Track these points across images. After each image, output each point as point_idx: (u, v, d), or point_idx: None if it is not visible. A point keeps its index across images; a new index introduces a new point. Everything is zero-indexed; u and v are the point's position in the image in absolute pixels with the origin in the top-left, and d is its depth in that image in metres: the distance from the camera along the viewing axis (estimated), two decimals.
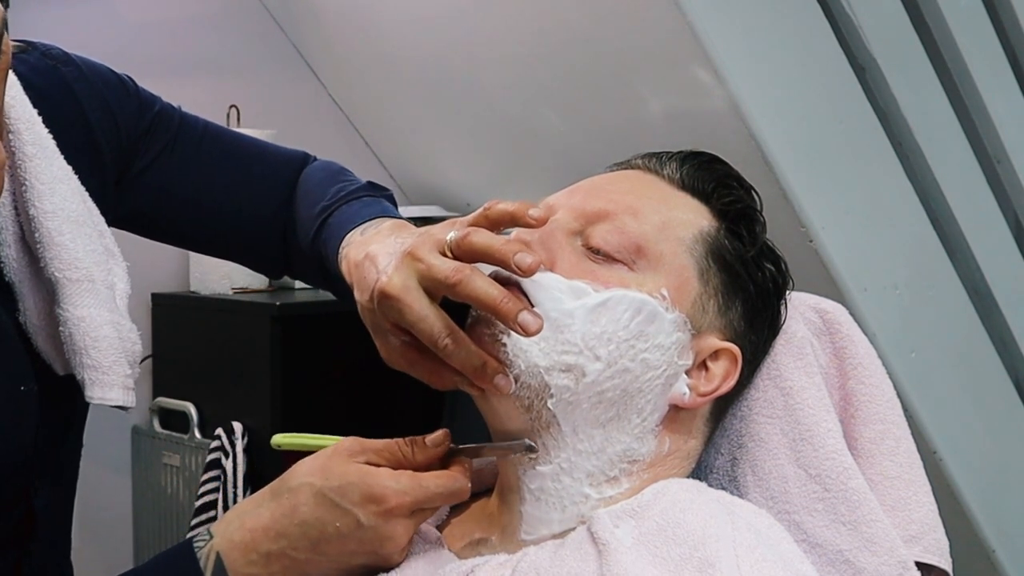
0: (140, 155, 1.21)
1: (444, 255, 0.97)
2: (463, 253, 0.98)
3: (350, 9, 2.33)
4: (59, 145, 1.11)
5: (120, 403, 1.11)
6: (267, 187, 1.27)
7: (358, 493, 0.94)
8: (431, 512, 1.00)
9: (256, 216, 1.26)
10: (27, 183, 1.07)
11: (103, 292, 1.09)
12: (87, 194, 1.13)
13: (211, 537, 0.96)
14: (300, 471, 0.97)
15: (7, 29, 0.94)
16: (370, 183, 1.26)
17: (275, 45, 2.50)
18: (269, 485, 0.99)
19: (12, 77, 1.08)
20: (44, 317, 1.08)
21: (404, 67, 2.33)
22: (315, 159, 1.34)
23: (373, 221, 1.15)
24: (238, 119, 2.34)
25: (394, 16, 2.25)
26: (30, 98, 1.11)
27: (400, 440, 0.98)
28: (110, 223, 1.18)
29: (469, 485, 0.99)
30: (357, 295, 1.07)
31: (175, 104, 1.28)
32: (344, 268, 1.11)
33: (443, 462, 1.00)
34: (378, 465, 0.96)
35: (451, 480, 0.98)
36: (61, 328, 1.07)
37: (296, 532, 0.94)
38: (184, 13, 2.41)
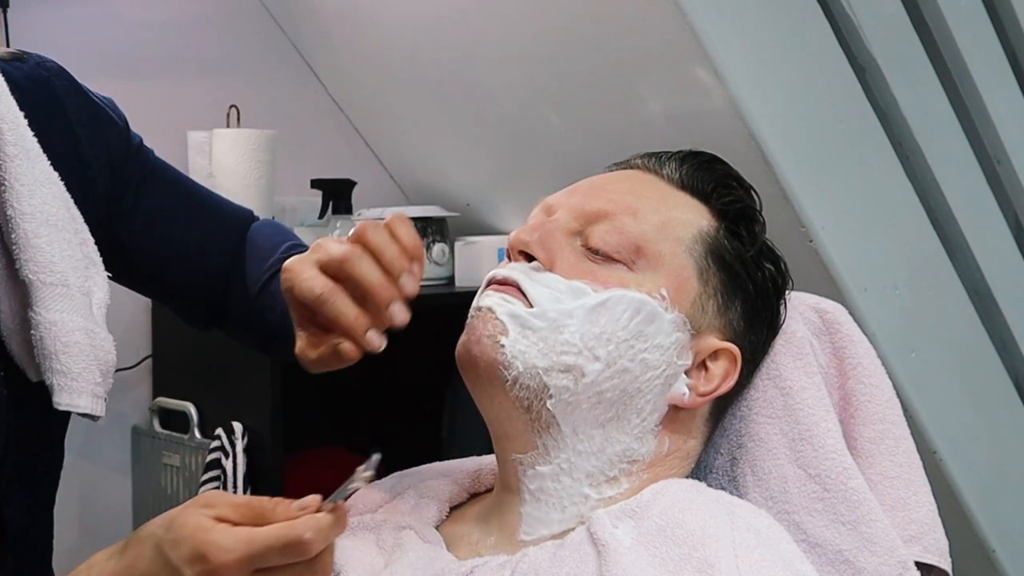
0: (126, 183, 1.20)
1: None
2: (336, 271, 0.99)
3: (350, 9, 2.33)
4: (45, 151, 1.10)
5: (88, 411, 1.09)
6: (220, 240, 1.26)
7: (188, 549, 0.86)
8: (292, 570, 0.87)
9: (206, 268, 1.25)
10: (6, 183, 1.06)
11: (78, 298, 1.08)
12: (71, 201, 1.11)
13: None
14: (155, 520, 0.91)
15: None
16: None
17: (275, 45, 2.50)
18: (133, 532, 0.94)
19: None
20: (18, 320, 1.07)
21: (404, 67, 2.32)
22: (258, 217, 1.33)
23: None
24: (238, 119, 2.34)
25: (394, 16, 2.25)
26: (17, 100, 1.09)
27: (265, 498, 0.89)
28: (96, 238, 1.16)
29: (313, 536, 0.86)
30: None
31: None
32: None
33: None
34: (227, 520, 0.87)
35: (285, 530, 0.86)
36: (32, 332, 1.06)
37: None
38: (184, 13, 2.41)
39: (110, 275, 1.16)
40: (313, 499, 0.89)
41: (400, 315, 0.99)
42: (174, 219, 1.24)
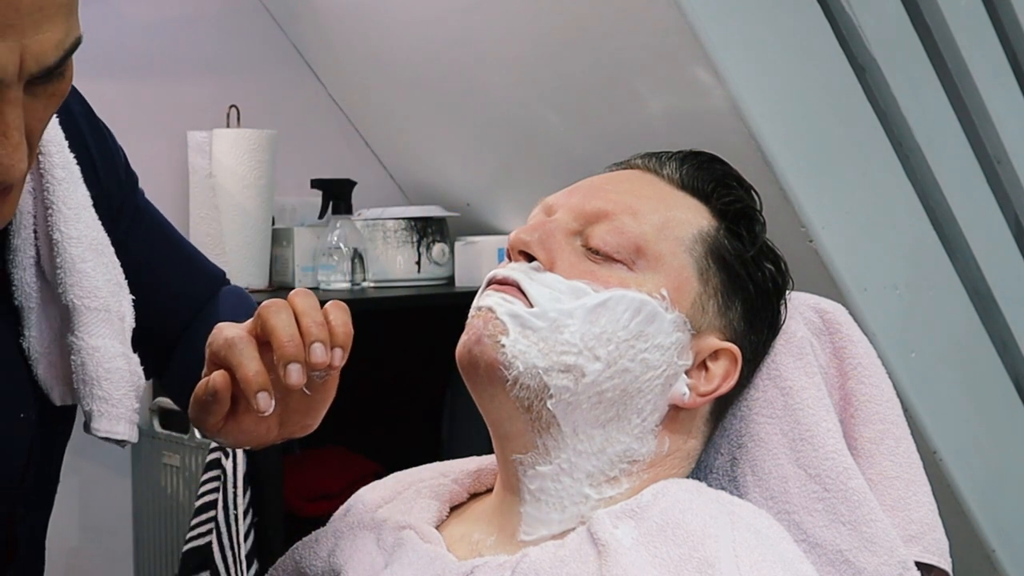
0: (122, 213, 1.18)
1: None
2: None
3: (350, 9, 2.33)
4: None
5: (125, 437, 1.07)
6: (191, 294, 1.22)
7: None
8: None
9: (170, 318, 1.21)
10: (54, 206, 1.04)
11: (116, 323, 1.07)
12: (100, 222, 1.10)
13: None
14: None
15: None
16: None
17: (275, 45, 2.50)
18: None
19: None
20: (49, 344, 1.05)
21: (404, 67, 2.32)
22: (228, 281, 1.30)
23: None
24: (238, 119, 2.34)
25: (394, 16, 2.25)
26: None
27: None
28: None
29: None
30: None
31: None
32: None
33: None
34: None
35: None
36: (73, 357, 1.04)
37: None
38: (184, 13, 2.41)
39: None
40: None
41: (294, 376, 0.91)
42: (155, 262, 1.21)
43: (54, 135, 1.06)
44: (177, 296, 1.21)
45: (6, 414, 1.03)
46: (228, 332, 0.95)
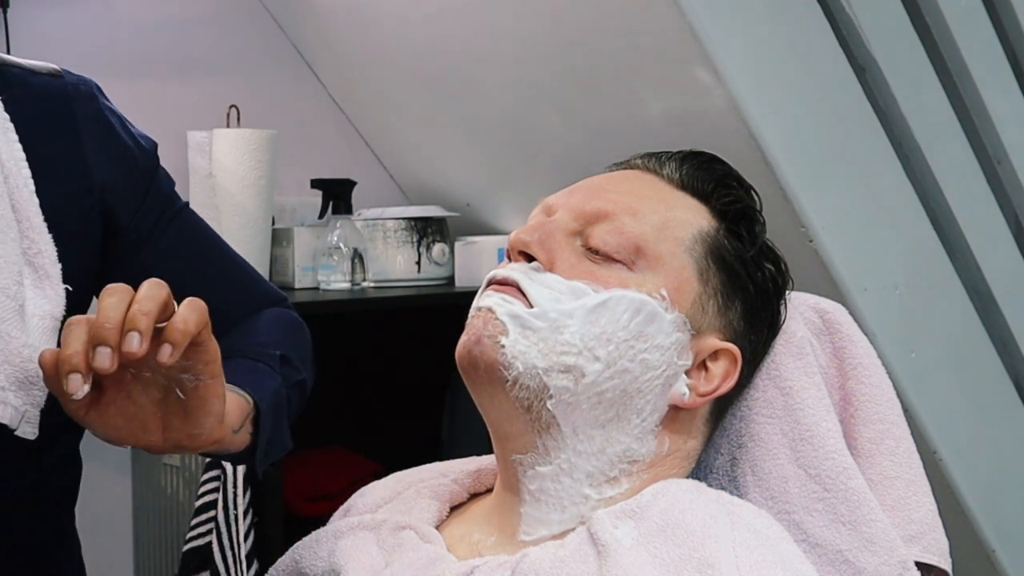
0: (145, 218, 1.17)
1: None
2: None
3: (350, 9, 2.33)
4: (31, 157, 1.07)
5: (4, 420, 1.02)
6: (221, 310, 1.09)
7: None
8: None
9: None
10: None
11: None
12: (27, 204, 1.07)
13: None
14: None
15: None
16: (298, 383, 1.19)
17: (275, 45, 2.50)
18: None
19: None
20: None
21: (404, 67, 2.32)
22: (291, 306, 1.28)
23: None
24: (238, 119, 2.34)
25: (394, 16, 2.25)
26: (18, 107, 1.08)
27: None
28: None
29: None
30: None
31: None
32: None
33: None
34: None
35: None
36: None
37: None
38: (184, 13, 2.41)
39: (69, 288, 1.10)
40: None
41: (100, 359, 0.86)
42: (185, 270, 1.18)
43: None
44: (223, 305, 1.12)
45: None
46: (77, 316, 0.91)
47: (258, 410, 1.06)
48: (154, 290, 0.90)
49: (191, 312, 0.90)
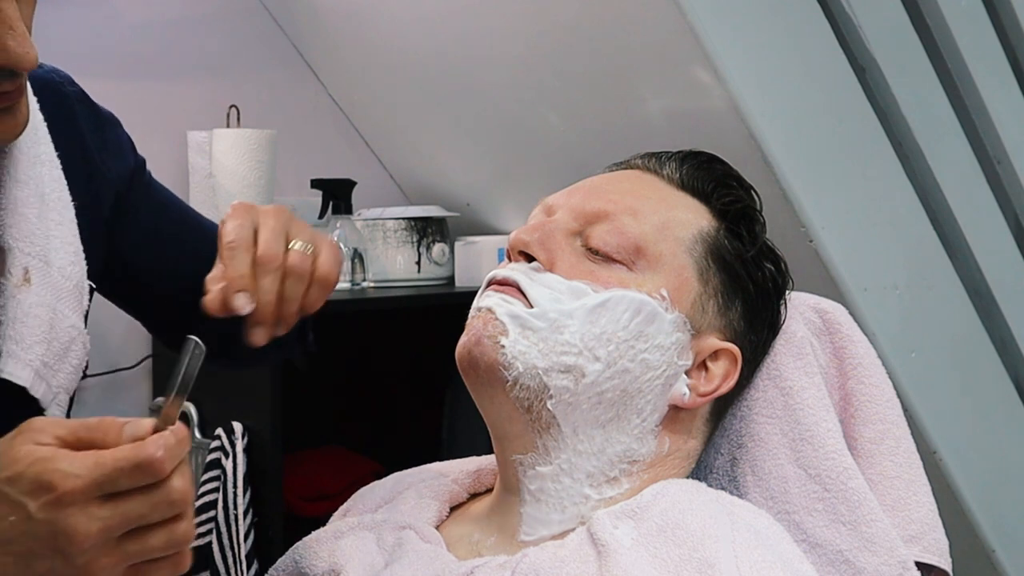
0: (128, 197, 1.19)
1: None
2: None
3: (350, 9, 2.33)
4: (57, 147, 1.09)
5: (26, 384, 1.02)
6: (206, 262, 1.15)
7: (29, 480, 0.78)
8: (140, 498, 0.80)
9: (194, 287, 1.15)
10: (9, 152, 1.03)
11: (56, 279, 1.05)
12: (67, 190, 1.09)
13: None
14: None
15: None
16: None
17: (275, 45, 2.50)
18: None
19: None
20: None
21: (404, 67, 2.32)
22: None
23: None
24: (238, 119, 2.34)
25: (394, 16, 2.25)
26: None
27: (94, 420, 0.82)
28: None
29: (163, 454, 0.79)
30: None
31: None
32: None
33: None
34: (68, 446, 0.80)
35: (135, 451, 0.79)
36: None
37: None
38: (184, 13, 2.41)
39: (93, 285, 1.13)
40: (147, 421, 0.82)
41: (243, 303, 1.00)
42: (173, 237, 1.22)
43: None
44: (203, 267, 1.18)
45: None
46: (231, 228, 1.04)
47: None
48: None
49: (334, 255, 1.05)
